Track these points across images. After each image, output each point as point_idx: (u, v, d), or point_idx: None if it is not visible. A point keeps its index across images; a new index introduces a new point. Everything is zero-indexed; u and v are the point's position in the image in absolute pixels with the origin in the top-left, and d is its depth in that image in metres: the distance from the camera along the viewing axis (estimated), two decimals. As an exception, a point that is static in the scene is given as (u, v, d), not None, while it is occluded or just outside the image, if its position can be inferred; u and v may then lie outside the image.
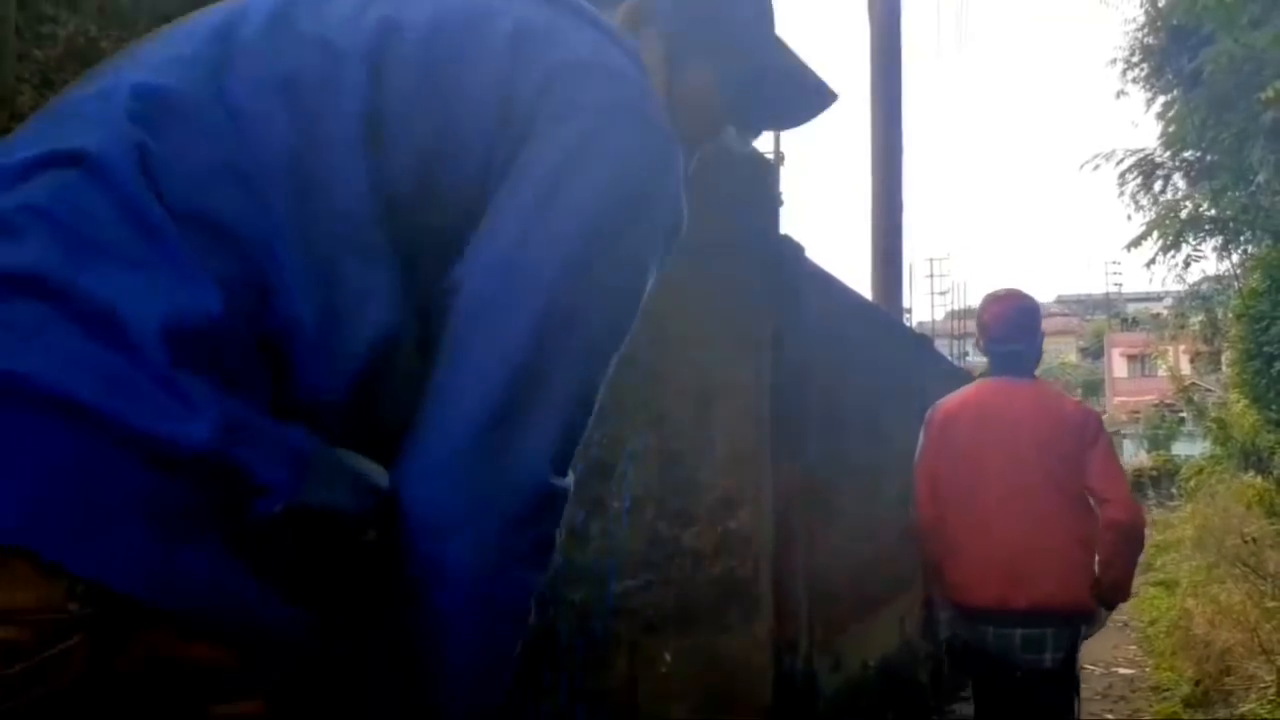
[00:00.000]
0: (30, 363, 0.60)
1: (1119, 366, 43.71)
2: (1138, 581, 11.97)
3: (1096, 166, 14.09)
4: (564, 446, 0.83)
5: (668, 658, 2.60)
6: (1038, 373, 3.51)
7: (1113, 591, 3.13)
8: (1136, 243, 12.90)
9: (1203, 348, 16.87)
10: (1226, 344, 12.77)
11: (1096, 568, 3.09)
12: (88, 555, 0.59)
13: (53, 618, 0.58)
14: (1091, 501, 3.12)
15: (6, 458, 0.59)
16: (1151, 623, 9.55)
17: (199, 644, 0.64)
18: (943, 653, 3.95)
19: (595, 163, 0.83)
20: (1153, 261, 12.94)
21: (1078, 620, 3.12)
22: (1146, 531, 3.39)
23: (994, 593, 3.08)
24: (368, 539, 0.73)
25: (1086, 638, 3.25)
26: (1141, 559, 11.76)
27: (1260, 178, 10.53)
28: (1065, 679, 3.14)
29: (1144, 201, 13.71)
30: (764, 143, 4.56)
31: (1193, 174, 13.09)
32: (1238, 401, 12.27)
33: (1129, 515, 3.06)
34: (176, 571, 0.63)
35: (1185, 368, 22.19)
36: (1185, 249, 12.68)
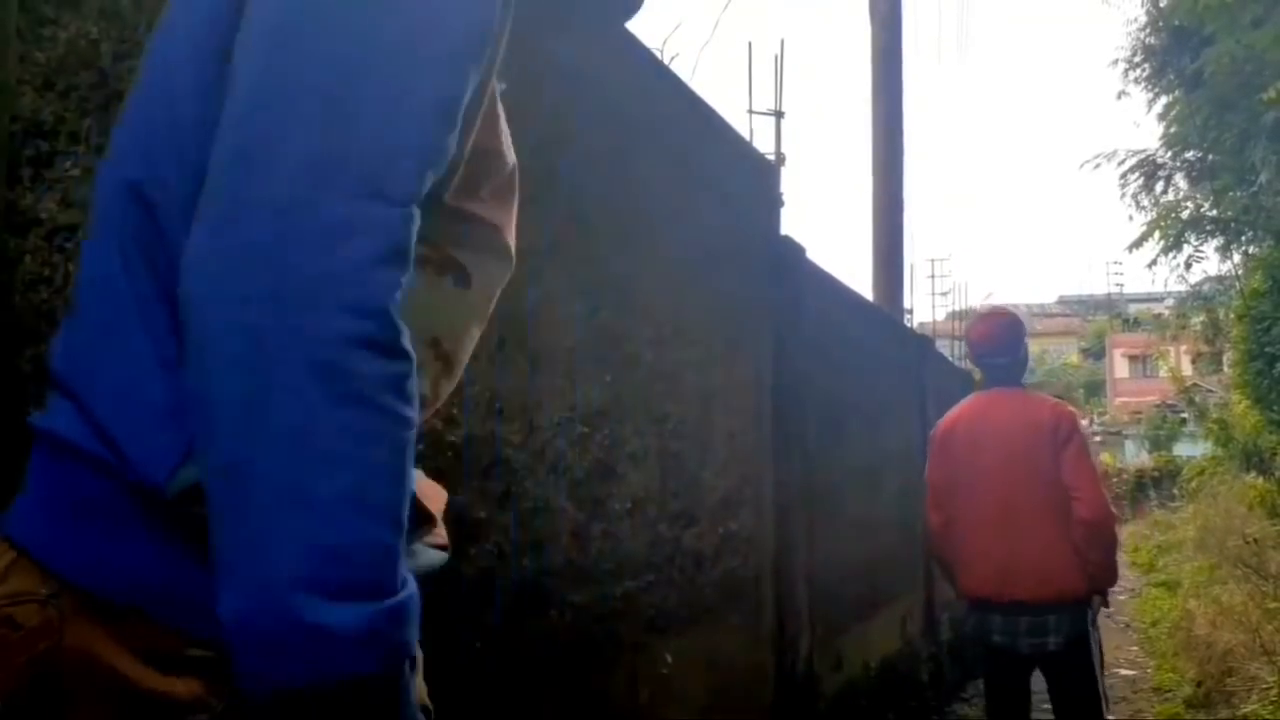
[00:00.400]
0: (47, 422, 0.79)
1: (1120, 367, 43.69)
2: (1141, 582, 12.04)
3: (1097, 166, 14.12)
4: (327, 146, 0.67)
5: (669, 658, 2.60)
6: (1040, 374, 4.01)
7: (1097, 580, 3.42)
8: (1138, 243, 12.90)
9: (1204, 348, 16.85)
10: (1228, 345, 12.77)
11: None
12: (54, 551, 0.74)
13: (36, 600, 0.72)
14: None
15: (32, 484, 0.78)
16: (1153, 624, 9.54)
17: (137, 627, 0.71)
18: (944, 653, 4.14)
19: None
20: (1154, 262, 12.95)
21: (1077, 606, 3.39)
22: (1146, 533, 3.65)
23: (998, 586, 3.39)
24: None
25: (1093, 623, 3.49)
26: (1143, 560, 11.72)
27: (1262, 178, 10.53)
28: (1074, 662, 3.40)
29: (1145, 202, 13.72)
30: (765, 143, 4.54)
31: (1194, 174, 13.09)
32: (1239, 402, 12.27)
33: (1093, 512, 3.33)
34: (113, 563, 0.73)
35: (1187, 368, 22.19)
36: (1187, 249, 12.68)
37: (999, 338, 3.59)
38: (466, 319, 0.89)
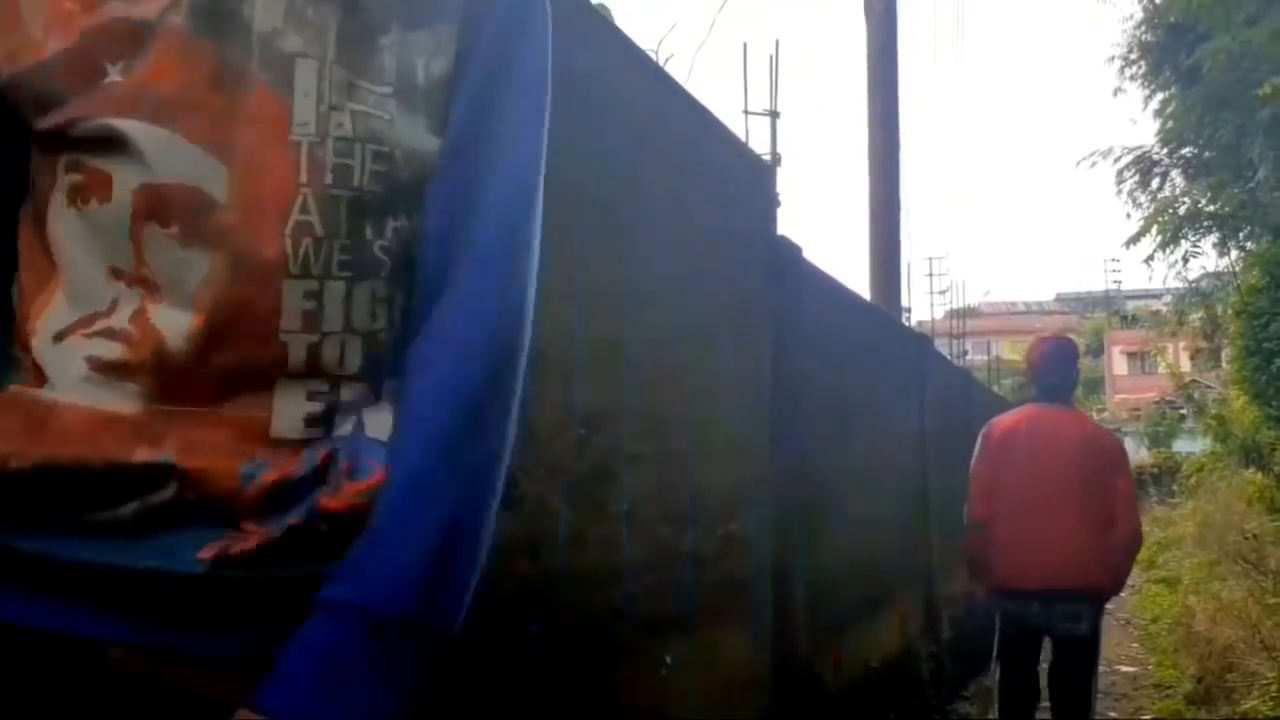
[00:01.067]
0: None
1: (1119, 364, 43.72)
2: (1140, 579, 12.04)
3: (1094, 164, 14.09)
4: None
5: (668, 660, 2.60)
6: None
7: (1119, 583, 4.15)
8: (1135, 239, 12.87)
9: (1202, 344, 16.82)
10: (1226, 340, 12.76)
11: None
12: None
13: None
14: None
15: None
16: (1153, 620, 9.55)
17: None
18: (944, 652, 4.54)
19: None
20: (1151, 258, 12.94)
21: (1101, 599, 4.03)
22: (1147, 530, 4.48)
23: (1042, 576, 3.86)
24: None
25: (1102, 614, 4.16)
26: (1143, 556, 11.88)
27: (1259, 174, 10.52)
28: (1093, 644, 4.05)
29: (1142, 199, 13.70)
30: (760, 143, 4.54)
31: (1190, 171, 13.08)
32: (1238, 398, 12.25)
33: (1134, 527, 4.00)
34: None
35: (1185, 365, 22.17)
36: (1184, 245, 12.67)
37: (1055, 357, 4.15)
38: (135, 227, 0.78)
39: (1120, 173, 13.79)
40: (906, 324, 10.17)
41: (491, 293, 0.83)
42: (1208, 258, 13.12)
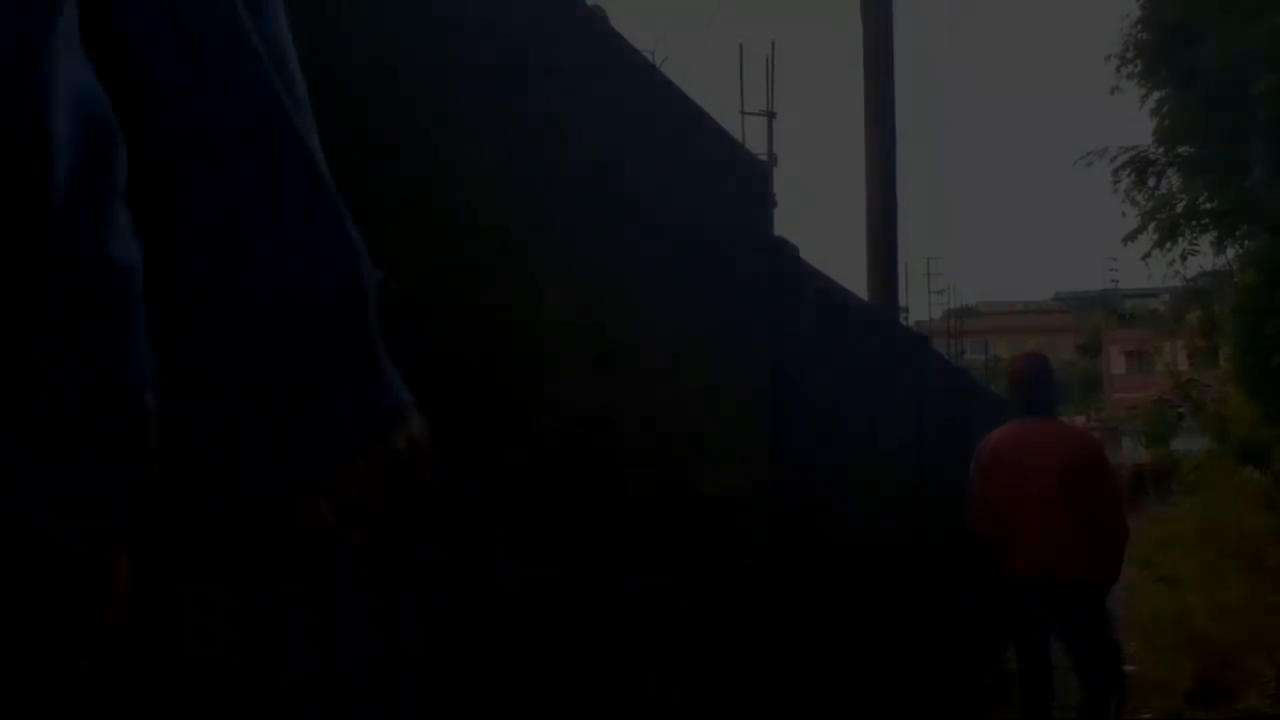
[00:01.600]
0: None
1: (1117, 363, 43.82)
2: (1139, 577, 12.08)
3: (1089, 164, 14.09)
4: None
5: (667, 660, 2.60)
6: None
7: (1113, 571, 4.50)
8: (1133, 235, 12.88)
9: (1200, 343, 16.83)
10: (1224, 339, 12.78)
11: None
12: None
13: None
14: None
15: None
16: (1152, 619, 9.55)
17: None
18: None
19: None
20: (1149, 255, 12.94)
21: (1099, 588, 4.40)
22: (1145, 528, 4.81)
23: (1041, 571, 4.29)
24: None
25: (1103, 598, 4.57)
26: (1142, 555, 11.95)
27: (1255, 172, 10.54)
28: (1099, 608, 4.46)
29: (1139, 198, 13.71)
30: (757, 144, 4.56)
31: (1187, 169, 13.09)
32: (1236, 396, 12.28)
33: (1119, 522, 4.40)
34: None
35: (1183, 363, 22.20)
36: (1181, 242, 12.67)
37: (1034, 374, 4.58)
38: None
39: (1116, 172, 13.81)
40: (904, 323, 10.18)
41: None
42: (1205, 256, 13.13)
